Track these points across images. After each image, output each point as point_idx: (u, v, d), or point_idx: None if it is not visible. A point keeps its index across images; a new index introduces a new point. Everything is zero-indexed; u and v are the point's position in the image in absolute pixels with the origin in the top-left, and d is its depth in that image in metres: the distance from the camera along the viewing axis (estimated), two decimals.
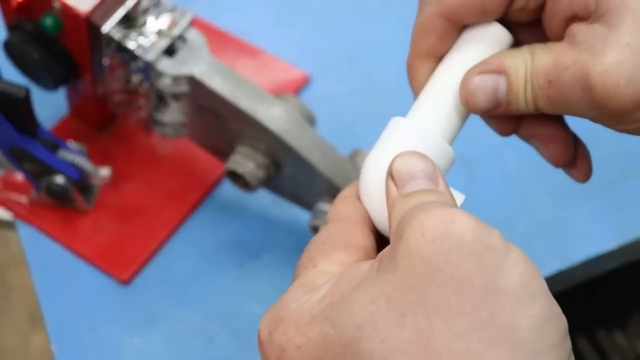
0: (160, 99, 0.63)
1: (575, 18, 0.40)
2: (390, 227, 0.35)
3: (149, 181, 0.70)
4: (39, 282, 0.65)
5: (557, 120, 0.46)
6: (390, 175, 0.37)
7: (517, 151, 0.73)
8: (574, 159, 0.49)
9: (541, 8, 0.42)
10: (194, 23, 0.62)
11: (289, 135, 0.58)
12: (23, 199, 0.68)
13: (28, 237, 0.67)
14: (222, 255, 0.67)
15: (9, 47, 0.62)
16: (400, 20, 0.81)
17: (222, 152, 0.64)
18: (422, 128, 0.40)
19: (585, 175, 0.49)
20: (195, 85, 0.60)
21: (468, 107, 0.42)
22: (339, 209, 0.40)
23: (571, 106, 0.39)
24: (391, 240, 0.34)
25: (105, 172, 0.66)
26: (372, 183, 0.40)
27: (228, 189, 0.70)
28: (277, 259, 0.67)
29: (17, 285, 1.32)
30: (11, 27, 0.62)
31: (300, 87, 0.76)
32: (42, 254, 0.66)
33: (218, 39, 0.78)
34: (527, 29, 0.44)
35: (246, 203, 0.70)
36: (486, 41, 0.43)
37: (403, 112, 0.75)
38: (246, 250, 0.67)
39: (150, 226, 0.67)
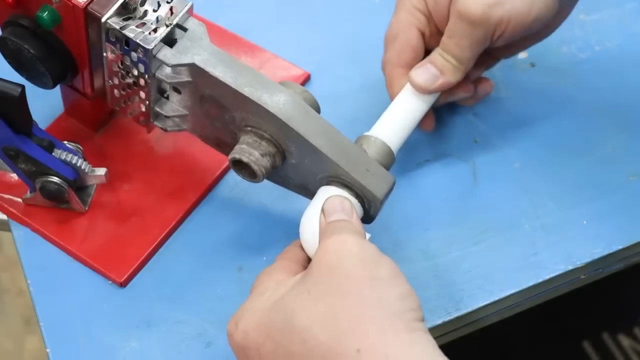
0: (161, 92, 0.62)
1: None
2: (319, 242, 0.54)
3: (146, 181, 0.69)
4: (33, 283, 0.65)
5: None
6: (322, 210, 0.56)
7: (520, 152, 0.73)
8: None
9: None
10: (192, 13, 0.61)
11: (295, 121, 0.58)
12: (18, 199, 0.67)
13: (23, 238, 0.67)
14: (220, 257, 0.66)
15: (4, 44, 0.61)
16: None
17: (225, 145, 0.63)
18: (341, 192, 0.58)
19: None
20: (197, 74, 0.59)
21: (419, 88, 0.65)
22: (282, 255, 0.59)
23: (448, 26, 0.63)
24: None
25: (101, 172, 0.65)
26: (308, 228, 0.57)
27: (226, 189, 0.69)
28: None
29: (12, 287, 1.31)
30: (6, 24, 0.61)
31: (300, 85, 0.75)
32: (37, 255, 0.66)
33: (218, 37, 0.77)
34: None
35: (245, 204, 0.69)
36: None
37: None
38: (245, 251, 0.67)
39: (147, 227, 0.67)
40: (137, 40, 0.58)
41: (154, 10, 0.60)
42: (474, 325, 0.67)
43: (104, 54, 0.61)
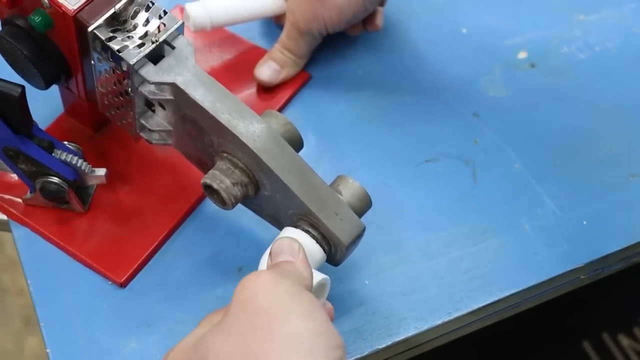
0: (149, 105, 0.61)
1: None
2: None
3: (146, 182, 0.69)
4: (34, 284, 0.65)
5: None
6: (270, 253, 0.55)
7: (520, 152, 0.73)
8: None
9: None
10: (183, 32, 0.61)
11: (267, 155, 0.57)
12: (18, 199, 0.67)
13: (23, 238, 0.67)
14: (220, 258, 0.66)
15: (1, 43, 0.61)
16: (401, 18, 0.80)
17: (205, 165, 0.62)
18: (297, 233, 0.57)
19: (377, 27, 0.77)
20: (178, 94, 0.58)
21: (267, 85, 0.75)
22: None
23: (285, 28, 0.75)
24: None
25: (101, 172, 0.65)
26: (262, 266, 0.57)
27: None
28: None
29: (12, 287, 1.31)
30: (4, 22, 0.61)
31: (300, 85, 0.75)
32: (37, 255, 0.66)
33: (219, 37, 0.77)
34: None
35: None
36: None
37: (403, 111, 0.75)
38: (244, 252, 0.67)
39: (147, 228, 0.67)
40: (120, 54, 0.58)
41: (144, 25, 0.59)
42: (473, 326, 0.67)
43: (92, 62, 0.61)
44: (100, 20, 0.58)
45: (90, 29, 0.58)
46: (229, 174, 0.58)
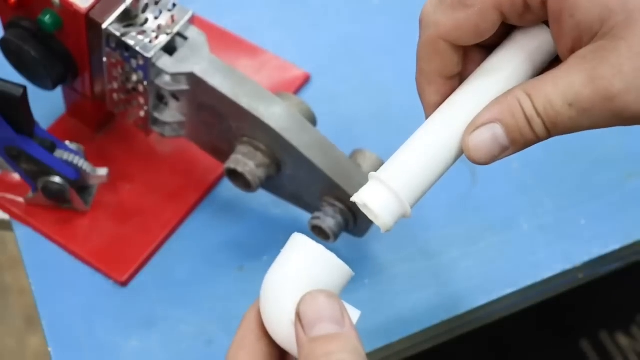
0: (160, 98, 0.62)
1: (580, 41, 0.41)
2: None
3: (147, 181, 0.69)
4: (35, 283, 0.65)
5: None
6: (298, 316, 0.39)
7: (519, 152, 0.73)
8: None
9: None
10: (193, 22, 0.61)
11: (290, 134, 0.58)
12: (20, 199, 0.67)
13: (25, 237, 0.67)
14: (222, 257, 0.66)
15: (6, 45, 0.62)
16: (400, 18, 0.80)
17: (221, 153, 0.63)
18: (318, 249, 0.41)
19: None
20: (196, 83, 0.59)
21: (478, 163, 0.44)
22: (237, 356, 0.43)
23: (593, 120, 0.41)
24: None
25: (103, 172, 0.65)
26: (273, 309, 0.41)
27: (227, 189, 0.70)
28: None
29: (14, 286, 1.31)
30: (8, 25, 0.62)
31: (300, 85, 0.75)
32: (39, 254, 0.66)
33: (218, 38, 0.77)
34: None
35: (246, 204, 0.69)
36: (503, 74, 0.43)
37: (402, 111, 0.75)
38: (246, 251, 0.67)
39: (149, 227, 0.67)
40: (137, 48, 0.58)
41: (155, 18, 0.60)
42: (472, 325, 0.67)
43: (104, 59, 0.61)
44: (113, 17, 0.59)
45: (104, 26, 0.58)
46: (252, 157, 0.60)
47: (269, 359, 0.42)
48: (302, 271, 0.41)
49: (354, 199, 0.43)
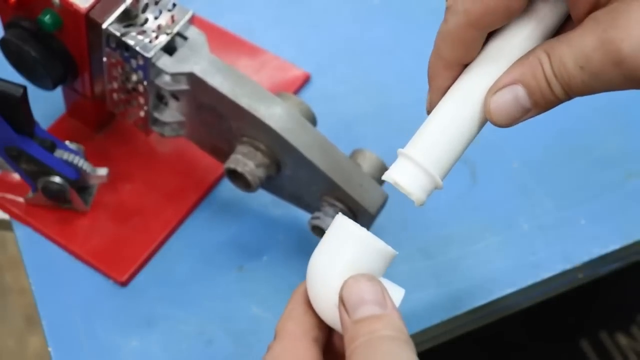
0: (160, 98, 0.62)
1: (597, 5, 0.41)
2: (345, 349, 0.41)
3: (147, 181, 0.69)
4: (35, 283, 0.65)
5: None
6: (341, 300, 0.41)
7: (519, 152, 0.73)
8: None
9: None
10: (193, 22, 0.61)
11: (290, 134, 0.58)
12: (20, 199, 0.67)
13: (25, 237, 0.67)
14: (221, 257, 0.67)
15: (5, 45, 0.62)
16: (401, 18, 0.80)
17: (221, 152, 0.63)
18: (364, 235, 0.43)
19: None
20: (196, 83, 0.59)
21: (499, 126, 0.44)
22: (286, 326, 0.44)
23: (605, 83, 0.41)
24: None
25: (102, 172, 0.65)
26: (319, 290, 0.43)
27: (227, 189, 0.70)
28: (277, 260, 0.67)
29: (14, 286, 1.31)
30: (8, 25, 0.62)
31: (300, 85, 0.76)
32: (39, 254, 0.66)
33: (218, 38, 0.78)
34: None
35: (245, 204, 0.69)
36: (506, 52, 0.43)
37: (402, 111, 0.75)
38: (245, 251, 0.67)
39: (149, 227, 0.67)
40: (137, 48, 0.58)
41: (155, 18, 0.60)
42: (472, 324, 0.67)
43: (104, 59, 0.61)
44: (113, 17, 0.59)
45: (104, 26, 0.59)
46: (252, 157, 0.60)
47: (316, 330, 0.43)
48: (346, 255, 0.42)
49: (384, 177, 0.43)
